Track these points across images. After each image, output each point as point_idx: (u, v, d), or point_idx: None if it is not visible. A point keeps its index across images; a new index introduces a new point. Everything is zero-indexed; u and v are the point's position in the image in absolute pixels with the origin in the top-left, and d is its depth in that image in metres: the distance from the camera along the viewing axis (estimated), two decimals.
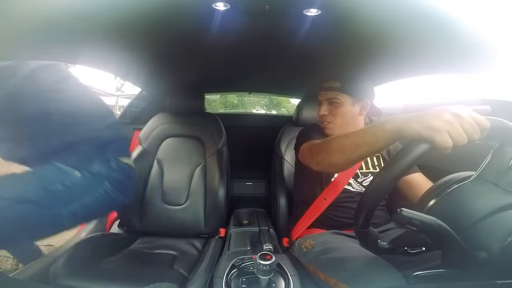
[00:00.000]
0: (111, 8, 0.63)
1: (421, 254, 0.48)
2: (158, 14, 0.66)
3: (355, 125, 0.92)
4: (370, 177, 0.91)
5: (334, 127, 0.93)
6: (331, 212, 0.90)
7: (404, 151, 0.44)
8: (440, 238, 0.43)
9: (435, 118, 0.42)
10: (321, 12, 0.62)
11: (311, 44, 0.84)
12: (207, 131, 1.30)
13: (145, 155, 1.23)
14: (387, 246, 0.52)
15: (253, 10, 0.65)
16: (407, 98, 1.35)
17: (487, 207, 0.43)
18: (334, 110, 0.91)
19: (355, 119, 0.92)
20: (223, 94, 4.90)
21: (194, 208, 1.18)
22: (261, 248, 0.91)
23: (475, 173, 0.47)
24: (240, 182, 1.84)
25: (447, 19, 0.61)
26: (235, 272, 0.68)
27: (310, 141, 0.84)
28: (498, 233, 0.41)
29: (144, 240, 1.10)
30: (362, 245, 0.62)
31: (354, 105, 0.90)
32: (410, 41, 0.75)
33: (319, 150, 0.71)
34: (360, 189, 0.90)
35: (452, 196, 0.47)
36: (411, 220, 0.41)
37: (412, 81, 1.13)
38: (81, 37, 0.76)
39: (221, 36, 0.78)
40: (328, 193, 0.90)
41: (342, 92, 0.89)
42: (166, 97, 1.32)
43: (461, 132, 0.41)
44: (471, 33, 0.66)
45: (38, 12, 0.61)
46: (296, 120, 1.37)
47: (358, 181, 0.91)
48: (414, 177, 0.83)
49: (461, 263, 0.45)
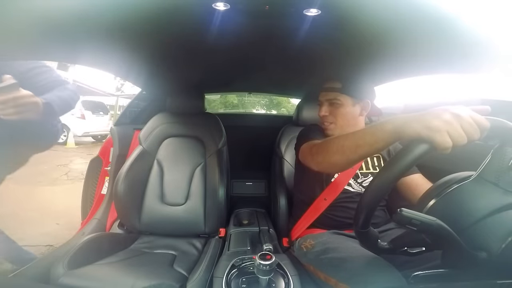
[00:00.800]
0: (112, 9, 0.63)
1: (421, 254, 0.48)
2: (158, 14, 0.66)
3: (355, 126, 0.92)
4: (370, 178, 0.91)
5: (335, 128, 0.92)
6: (331, 212, 0.90)
7: (403, 151, 0.44)
8: (440, 238, 0.43)
9: (435, 118, 0.42)
10: (321, 12, 0.62)
11: (311, 44, 0.84)
12: (207, 131, 1.30)
13: (145, 155, 1.23)
14: (387, 246, 0.52)
15: (253, 10, 0.65)
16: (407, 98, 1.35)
17: (487, 207, 0.43)
18: (335, 111, 0.91)
19: (356, 119, 0.92)
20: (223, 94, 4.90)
21: (194, 208, 1.18)
22: (261, 248, 0.91)
23: (475, 173, 0.47)
24: (240, 182, 1.84)
25: (448, 19, 0.61)
26: (235, 272, 0.68)
27: (310, 142, 0.84)
28: (498, 233, 0.41)
29: (144, 240, 1.10)
30: (362, 245, 0.62)
31: (355, 105, 0.90)
32: (411, 41, 0.75)
33: (319, 151, 0.71)
34: (359, 190, 0.90)
35: (452, 196, 0.47)
36: (411, 220, 0.41)
37: (412, 81, 1.13)
38: (81, 38, 0.76)
39: (221, 36, 0.78)
40: (328, 193, 0.90)
41: (343, 93, 0.89)
42: (166, 97, 1.32)
43: (461, 132, 0.41)
44: (471, 33, 0.66)
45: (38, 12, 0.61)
46: (296, 120, 1.37)
47: (358, 181, 0.91)
48: (414, 178, 0.83)
49: (461, 263, 0.45)
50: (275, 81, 1.54)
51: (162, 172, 1.23)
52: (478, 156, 0.48)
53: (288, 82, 1.53)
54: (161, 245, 1.06)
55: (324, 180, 0.92)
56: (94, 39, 0.78)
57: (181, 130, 1.30)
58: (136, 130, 1.45)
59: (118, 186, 1.09)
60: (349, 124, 0.91)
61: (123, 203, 1.11)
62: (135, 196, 1.16)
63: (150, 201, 1.18)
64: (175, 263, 0.93)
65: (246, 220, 1.33)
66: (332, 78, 0.94)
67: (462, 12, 0.59)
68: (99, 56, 0.94)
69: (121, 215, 1.17)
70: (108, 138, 1.45)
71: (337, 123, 0.92)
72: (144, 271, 0.81)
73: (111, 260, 0.88)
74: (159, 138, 1.28)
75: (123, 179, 1.10)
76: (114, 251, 0.95)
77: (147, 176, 1.22)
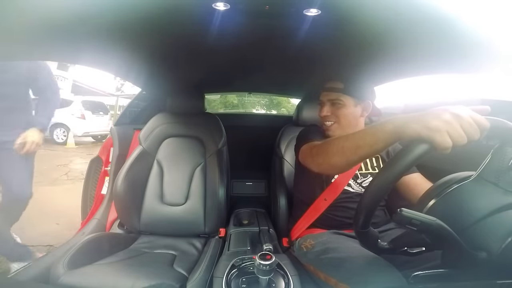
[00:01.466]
0: (112, 9, 0.63)
1: (421, 254, 0.48)
2: (158, 14, 0.66)
3: (356, 126, 0.92)
4: (369, 178, 0.91)
5: (336, 128, 0.92)
6: (331, 212, 0.90)
7: (403, 151, 0.44)
8: (440, 238, 0.43)
9: (435, 118, 0.42)
10: (321, 12, 0.62)
11: (311, 44, 0.84)
12: (207, 131, 1.30)
13: (145, 155, 1.23)
14: (387, 246, 0.52)
15: (253, 10, 0.65)
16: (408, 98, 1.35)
17: (487, 207, 0.43)
18: (337, 111, 0.91)
19: (357, 120, 0.92)
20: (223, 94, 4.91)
21: (194, 208, 1.18)
22: (261, 248, 0.91)
23: (475, 173, 0.47)
24: (240, 182, 1.84)
25: (448, 19, 0.61)
26: (235, 272, 0.68)
27: (310, 143, 0.83)
28: (498, 233, 0.41)
29: (144, 240, 1.10)
30: (362, 245, 0.62)
31: (356, 106, 0.90)
32: (411, 41, 0.75)
33: (319, 152, 0.71)
34: (359, 190, 0.90)
35: (452, 196, 0.47)
36: (411, 220, 0.41)
37: (412, 81, 1.13)
38: (81, 37, 0.76)
39: (221, 36, 0.78)
40: (328, 194, 0.90)
41: (345, 93, 0.89)
42: (166, 97, 1.32)
43: (461, 132, 0.41)
44: (472, 33, 0.66)
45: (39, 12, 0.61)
46: (296, 120, 1.37)
47: (357, 182, 0.91)
48: (412, 177, 0.83)
49: (461, 263, 0.45)
50: (275, 81, 1.54)
51: (162, 172, 1.23)
52: (478, 156, 0.48)
53: (288, 82, 1.53)
54: (161, 245, 1.06)
55: (324, 180, 0.92)
56: (94, 39, 0.78)
57: (181, 130, 1.30)
58: (136, 130, 1.45)
59: (118, 186, 1.09)
60: (350, 125, 0.91)
61: (123, 203, 1.11)
62: (135, 196, 1.16)
63: (150, 201, 1.18)
64: (175, 263, 0.93)
65: (246, 220, 1.33)
66: (334, 78, 0.93)
67: (463, 12, 0.59)
68: (99, 56, 0.95)
69: (121, 215, 1.17)
70: (108, 138, 1.45)
71: (338, 123, 0.91)
72: (144, 271, 0.81)
73: (111, 260, 0.88)
74: (159, 138, 1.28)
75: (123, 179, 1.10)
76: (114, 251, 0.95)
77: (147, 176, 1.22)
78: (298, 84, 1.52)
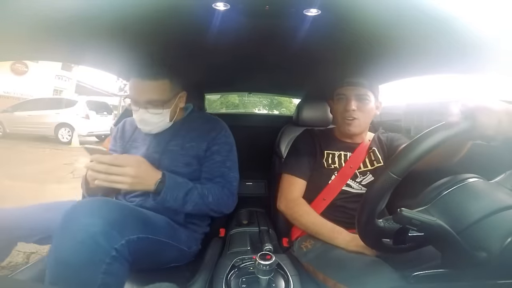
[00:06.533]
0: (113, 9, 0.63)
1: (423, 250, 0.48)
2: (159, 15, 0.67)
3: (368, 126, 0.93)
4: (368, 176, 0.91)
5: (358, 124, 0.89)
6: (330, 212, 0.90)
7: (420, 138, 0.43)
8: (440, 238, 0.43)
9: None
10: (321, 12, 0.62)
11: (311, 44, 0.84)
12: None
13: None
14: (390, 243, 0.52)
15: (253, 10, 0.65)
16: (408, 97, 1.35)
17: (487, 207, 0.43)
18: (364, 107, 0.87)
19: (371, 119, 0.92)
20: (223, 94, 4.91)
21: None
22: (261, 248, 0.91)
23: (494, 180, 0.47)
24: (240, 182, 1.83)
25: (448, 19, 0.61)
26: (235, 272, 0.68)
27: (290, 176, 0.94)
28: (498, 233, 0.41)
29: None
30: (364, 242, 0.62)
31: (374, 104, 0.90)
32: (411, 41, 0.75)
33: (291, 213, 0.90)
34: (359, 189, 0.90)
35: (452, 196, 0.47)
36: (411, 220, 0.41)
37: (412, 80, 1.13)
38: (83, 38, 0.76)
39: (221, 36, 0.78)
40: (327, 194, 0.90)
41: (370, 90, 0.88)
42: None
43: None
44: (473, 33, 0.66)
45: (42, 13, 0.61)
46: (296, 120, 1.37)
47: (357, 181, 0.91)
48: None
49: (461, 263, 0.45)
50: (275, 81, 1.53)
51: None
52: (478, 156, 0.48)
53: (288, 82, 1.52)
54: None
55: (322, 181, 0.92)
56: (96, 39, 0.78)
57: None
58: None
59: None
60: (367, 123, 0.91)
61: None
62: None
63: None
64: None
65: (246, 220, 1.33)
66: (357, 73, 0.90)
67: (463, 12, 0.59)
68: (101, 57, 0.95)
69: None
70: (108, 138, 1.45)
71: (360, 119, 0.88)
72: (144, 271, 0.81)
73: None
74: None
75: None
76: None
77: None
78: (298, 84, 1.52)
